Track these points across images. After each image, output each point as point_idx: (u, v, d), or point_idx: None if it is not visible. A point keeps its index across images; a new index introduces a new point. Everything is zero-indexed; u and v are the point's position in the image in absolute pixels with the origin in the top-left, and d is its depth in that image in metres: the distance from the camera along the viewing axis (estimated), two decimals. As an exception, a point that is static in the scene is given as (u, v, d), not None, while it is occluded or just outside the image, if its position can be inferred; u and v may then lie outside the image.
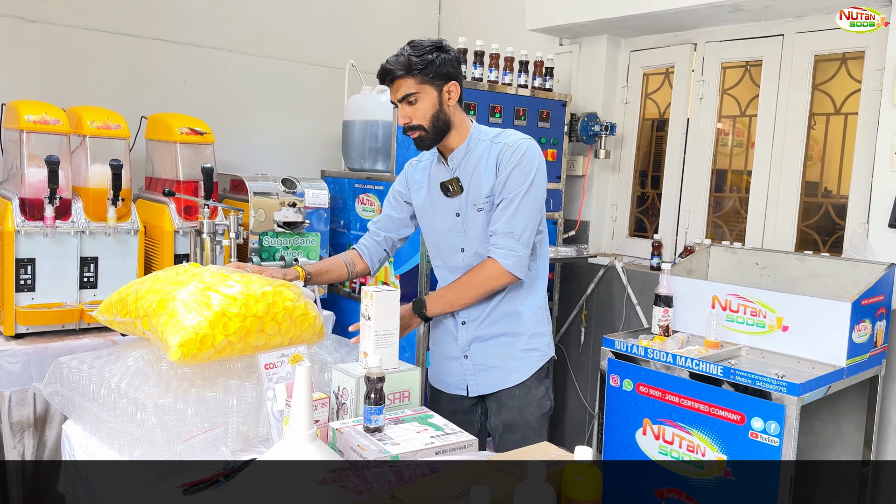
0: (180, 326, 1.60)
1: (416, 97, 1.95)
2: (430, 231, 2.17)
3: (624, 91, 3.66)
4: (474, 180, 2.03)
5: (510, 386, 2.11)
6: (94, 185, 2.64)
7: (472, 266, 2.05)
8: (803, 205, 3.11)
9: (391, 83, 1.98)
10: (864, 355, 2.44)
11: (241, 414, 1.71)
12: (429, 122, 1.97)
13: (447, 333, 2.17)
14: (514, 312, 2.10)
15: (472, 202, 2.04)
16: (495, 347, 2.11)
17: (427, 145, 2.02)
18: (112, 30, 3.32)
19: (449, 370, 2.19)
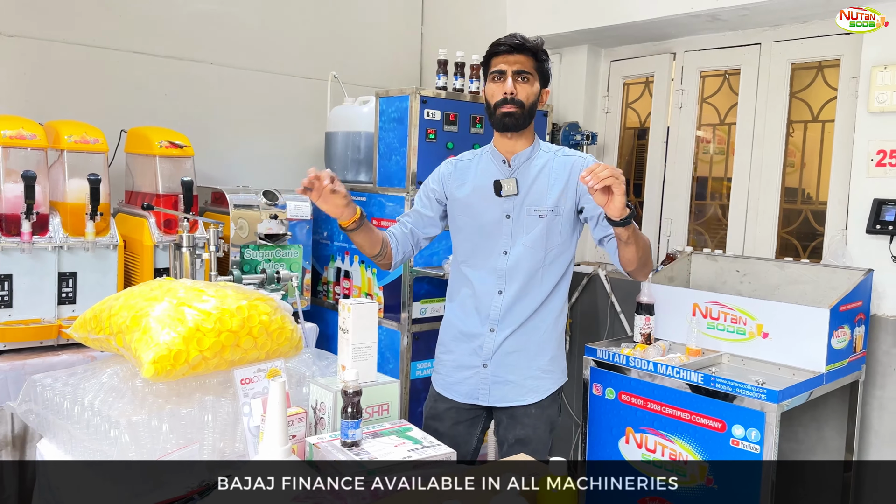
0: (153, 343, 1.59)
1: (528, 77, 1.99)
2: (471, 230, 2.09)
3: (605, 100, 3.68)
4: (536, 186, 2.03)
5: (526, 404, 2.09)
6: (72, 199, 2.62)
7: (514, 273, 2.03)
8: (783, 211, 3.13)
9: (512, 52, 1.97)
10: (844, 361, 2.45)
11: (218, 430, 1.69)
12: (528, 104, 2.00)
13: (465, 341, 2.11)
14: (545, 328, 2.08)
15: (532, 207, 2.03)
16: (517, 361, 2.08)
17: (512, 125, 2.00)
18: (92, 43, 3.31)
19: (462, 378, 2.12)
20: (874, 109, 2.64)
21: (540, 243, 2.04)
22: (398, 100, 3.02)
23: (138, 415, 1.58)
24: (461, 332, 2.12)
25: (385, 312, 3.14)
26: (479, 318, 2.09)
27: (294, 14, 3.91)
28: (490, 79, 2.02)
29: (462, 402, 2.13)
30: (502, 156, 2.07)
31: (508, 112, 1.98)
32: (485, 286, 2.07)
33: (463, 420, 2.14)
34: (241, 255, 2.97)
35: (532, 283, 2.05)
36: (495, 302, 2.06)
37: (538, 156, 2.07)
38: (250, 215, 3.03)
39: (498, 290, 2.06)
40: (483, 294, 2.08)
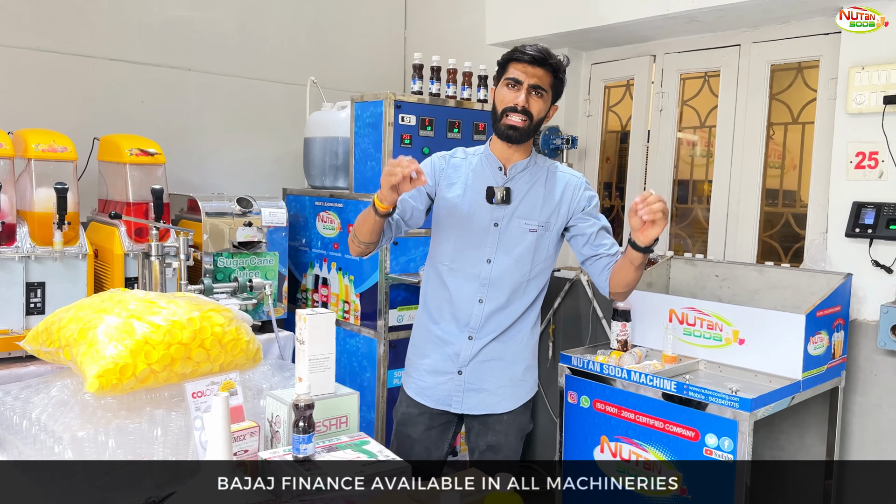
0: (99, 356, 1.55)
1: (543, 95, 1.95)
2: (456, 232, 2.04)
3: (586, 104, 3.64)
4: (529, 199, 2.01)
5: (499, 412, 2.08)
6: (39, 209, 2.59)
7: (496, 284, 2.01)
8: (765, 215, 3.09)
9: (534, 64, 1.92)
10: (822, 367, 2.41)
11: (169, 445, 1.66)
12: (536, 120, 1.96)
13: (442, 346, 2.08)
14: (522, 338, 2.08)
15: (522, 219, 2.01)
16: (493, 370, 2.06)
17: (517, 137, 1.97)
18: (66, 51, 3.28)
19: (436, 384, 2.10)
20: (852, 111, 2.60)
21: (527, 257, 2.02)
22: (372, 105, 2.98)
23: (84, 430, 1.54)
24: (437, 338, 2.09)
25: (362, 320, 3.11)
26: (456, 324, 2.05)
27: (274, 19, 3.88)
28: (504, 83, 1.96)
29: (434, 407, 2.09)
30: (499, 162, 2.03)
31: (514, 125, 1.94)
32: (464, 293, 2.04)
33: (435, 426, 2.11)
34: (215, 264, 2.93)
35: (514, 296, 2.04)
36: (475, 310, 2.03)
37: (534, 168, 2.05)
38: (224, 223, 3.00)
39: (478, 298, 2.03)
40: (462, 301, 2.04)
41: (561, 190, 2.04)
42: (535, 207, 2.02)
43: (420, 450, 2.10)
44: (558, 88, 2.00)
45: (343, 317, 3.20)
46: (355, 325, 3.13)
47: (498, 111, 1.97)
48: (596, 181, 3.66)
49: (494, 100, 2.00)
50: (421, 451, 2.09)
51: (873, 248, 2.58)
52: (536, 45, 1.95)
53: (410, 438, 2.11)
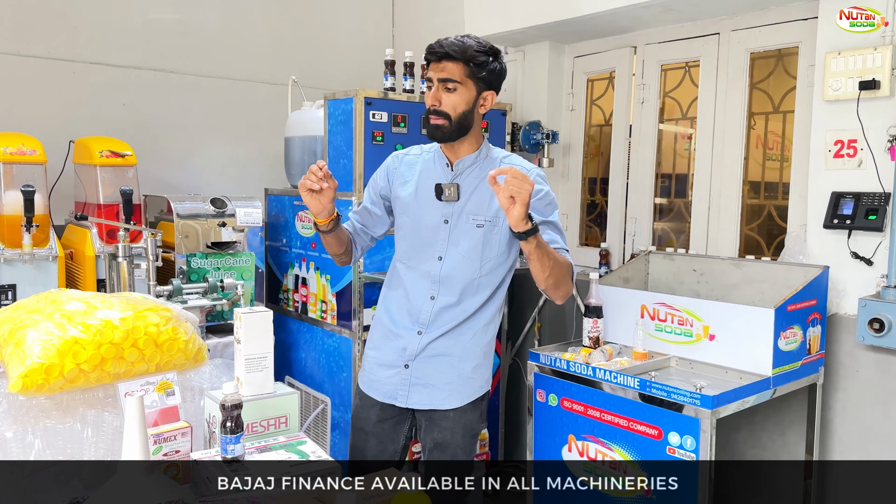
0: (24, 356, 1.55)
1: (457, 87, 1.89)
2: (409, 230, 2.04)
3: (569, 98, 3.58)
4: (477, 194, 1.97)
5: (444, 409, 2.03)
6: (9, 211, 2.61)
7: (447, 280, 1.98)
8: (748, 207, 3.01)
9: (439, 60, 1.89)
10: (796, 363, 2.33)
11: (103, 445, 1.65)
12: (456, 116, 1.90)
13: (393, 339, 2.06)
14: (472, 336, 2.03)
15: (471, 215, 1.97)
16: (439, 366, 2.02)
17: (441, 137, 1.93)
18: (46, 55, 3.31)
19: (383, 377, 2.07)
20: (829, 98, 2.52)
21: (475, 253, 1.98)
22: (344, 102, 2.96)
23: (10, 430, 1.53)
24: (390, 332, 2.07)
25: (338, 320, 3.09)
26: (409, 319, 2.04)
27: (257, 19, 3.88)
28: (426, 84, 1.95)
29: (382, 400, 2.07)
30: (446, 159, 2.00)
31: (435, 124, 1.91)
32: (418, 289, 2.02)
33: (387, 418, 2.08)
34: (188, 264, 2.93)
35: (466, 293, 2.00)
36: (426, 306, 2.02)
37: (484, 162, 1.99)
38: (198, 223, 2.99)
39: (430, 295, 2.01)
40: (415, 297, 2.03)
41: None
42: (484, 202, 1.97)
43: (374, 442, 2.07)
44: (482, 74, 1.90)
45: (321, 317, 3.19)
46: (332, 324, 3.12)
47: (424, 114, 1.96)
48: (580, 177, 3.60)
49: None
50: (375, 444, 2.07)
51: (852, 240, 2.49)
52: (448, 38, 1.91)
53: (364, 431, 2.09)
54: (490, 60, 1.91)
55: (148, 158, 3.22)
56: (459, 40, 1.90)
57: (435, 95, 1.90)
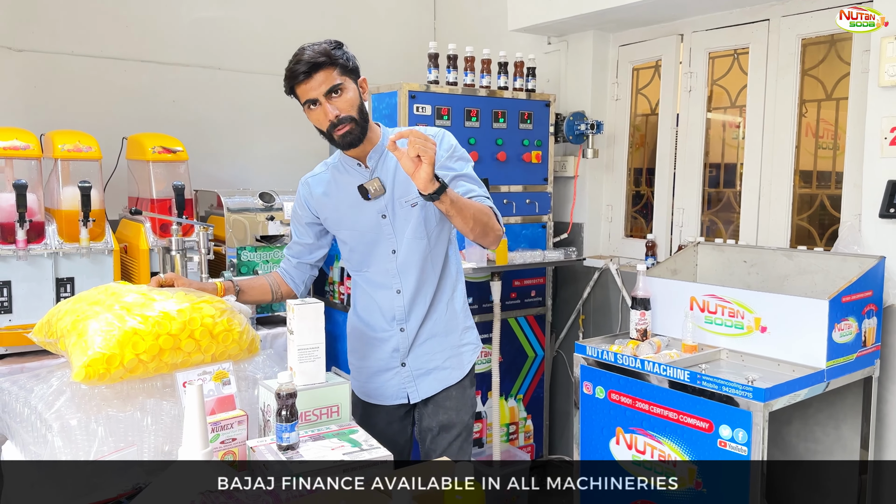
0: (87, 346, 1.60)
1: (342, 88, 1.85)
2: (353, 240, 2.04)
3: (614, 87, 3.55)
4: (398, 177, 1.96)
5: (448, 386, 2.07)
6: (66, 207, 2.69)
7: (405, 269, 2.00)
8: (800, 197, 2.94)
9: (310, 76, 1.84)
10: (851, 356, 2.28)
11: (161, 433, 1.70)
12: (357, 113, 1.88)
13: (378, 344, 2.08)
14: (444, 306, 2.06)
15: (402, 199, 1.97)
16: (432, 348, 2.06)
17: (355, 140, 1.89)
18: (99, 54, 3.40)
19: (384, 382, 2.09)
20: (885, 84, 2.45)
21: (421, 231, 1.98)
22: (388, 96, 2.98)
23: (75, 418, 1.59)
24: (372, 338, 2.08)
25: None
26: (385, 320, 2.06)
27: (301, 15, 3.92)
28: (306, 109, 1.90)
29: (389, 404, 2.09)
30: (355, 160, 1.98)
31: (346, 132, 1.87)
32: (382, 289, 2.04)
33: (395, 420, 2.12)
34: (238, 257, 2.99)
35: (425, 272, 2.02)
36: (396, 302, 2.03)
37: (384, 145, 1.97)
38: (247, 217, 3.05)
39: (395, 289, 2.03)
40: (383, 297, 2.04)
41: None
42: (407, 182, 1.91)
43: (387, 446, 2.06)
44: (350, 66, 1.89)
45: (367, 308, 3.21)
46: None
47: (325, 132, 1.90)
48: (625, 168, 3.57)
49: (314, 124, 1.93)
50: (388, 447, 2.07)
51: (910, 229, 2.42)
52: (300, 53, 1.86)
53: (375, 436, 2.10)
54: (343, 51, 1.90)
55: (197, 154, 3.28)
56: (312, 50, 1.85)
57: (329, 108, 1.84)
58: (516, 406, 3.43)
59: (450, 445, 2.07)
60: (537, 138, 3.30)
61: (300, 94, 1.89)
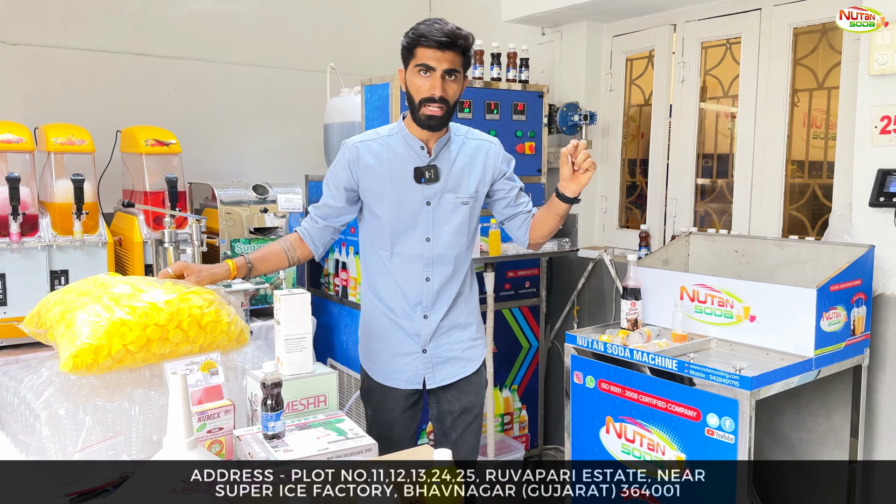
0: (75, 337, 1.61)
1: (457, 77, 1.92)
2: (389, 217, 2.02)
3: (608, 78, 3.54)
4: (454, 173, 2.02)
5: (468, 374, 2.13)
6: (60, 200, 2.71)
7: (441, 260, 2.04)
8: (791, 187, 2.94)
9: (443, 49, 1.86)
10: (839, 344, 2.29)
11: (150, 423, 1.71)
12: (453, 104, 1.94)
13: (399, 328, 2.09)
14: (466, 300, 2.13)
15: (453, 194, 2.02)
16: (452, 338, 2.11)
17: (436, 125, 1.94)
18: (94, 48, 3.41)
19: (402, 366, 2.11)
20: (875, 72, 2.44)
21: (463, 229, 2.05)
22: (380, 87, 2.98)
23: (62, 407, 1.60)
24: (393, 321, 2.09)
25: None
26: (409, 304, 2.07)
27: (296, 7, 3.93)
28: (416, 70, 1.90)
29: (405, 388, 2.11)
30: (420, 142, 1.99)
31: (433, 114, 1.91)
32: (410, 274, 2.05)
33: (410, 405, 2.15)
34: (232, 250, 3.00)
35: (457, 267, 2.08)
36: (425, 289, 2.06)
37: (452, 140, 2.04)
38: (241, 210, 3.06)
39: (424, 276, 2.05)
40: (409, 282, 2.05)
41: (483, 157, 2.05)
42: (463, 180, 2.03)
43: (399, 429, 2.14)
44: (469, 63, 1.96)
45: (361, 300, 3.23)
46: (371, 307, 3.15)
47: (415, 100, 1.92)
48: (619, 158, 3.57)
49: (407, 86, 1.95)
50: (400, 430, 2.13)
51: (900, 218, 2.42)
52: (441, 23, 1.88)
53: (389, 422, 2.13)
54: (471, 49, 1.96)
55: (192, 147, 3.30)
56: (457, 29, 1.88)
57: (441, 86, 1.88)
58: (511, 396, 3.45)
59: (469, 426, 2.15)
60: (531, 129, 3.30)
61: (419, 54, 1.89)
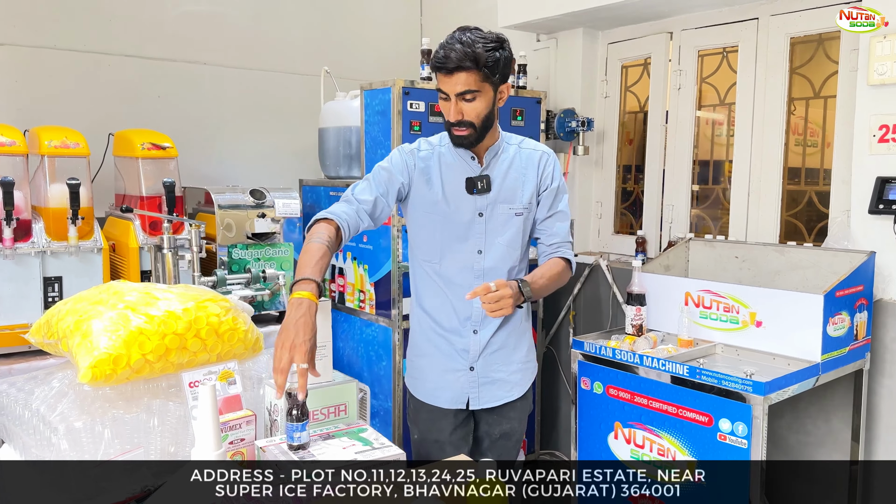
0: (93, 347, 1.56)
1: (476, 95, 1.84)
2: (439, 228, 1.97)
3: (603, 85, 3.57)
4: (507, 183, 1.97)
5: (513, 399, 2.06)
6: (54, 204, 2.63)
7: (493, 274, 1.96)
8: (788, 194, 2.99)
9: (451, 74, 1.81)
10: (843, 349, 2.32)
11: (167, 434, 1.67)
12: (480, 122, 1.87)
13: (446, 343, 2.02)
14: (519, 321, 2.06)
15: (506, 205, 1.97)
16: (501, 359, 2.04)
17: (467, 145, 1.91)
18: (83, 49, 3.33)
19: (447, 383, 2.03)
20: (874, 82, 2.49)
21: (517, 241, 2.00)
22: (381, 92, 2.96)
23: (80, 420, 1.56)
24: (440, 336, 2.03)
25: (377, 309, 3.10)
26: (458, 319, 2.00)
27: (288, 10, 3.88)
28: (440, 95, 1.88)
29: (449, 407, 2.04)
30: (470, 152, 1.96)
31: (461, 134, 1.88)
32: (460, 287, 1.97)
33: (459, 424, 2.06)
34: (230, 255, 2.95)
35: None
36: (475, 303, 1.96)
37: (504, 149, 2.00)
38: (237, 215, 3.01)
39: None
40: (460, 295, 1.97)
41: (536, 167, 2.00)
42: (517, 190, 1.98)
43: (451, 451, 2.02)
44: (497, 74, 1.84)
45: (359, 306, 3.20)
46: (371, 314, 3.13)
47: (445, 121, 1.91)
48: (614, 165, 3.59)
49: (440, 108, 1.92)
50: (452, 452, 2.02)
51: (899, 225, 2.47)
52: (450, 44, 1.80)
53: (439, 443, 2.04)
54: (500, 55, 1.84)
55: (182, 150, 3.22)
56: (467, 45, 1.79)
57: (456, 110, 1.84)
58: (508, 402, 3.44)
59: (506, 451, 2.09)
60: (529, 135, 3.29)
61: (437, 79, 1.87)
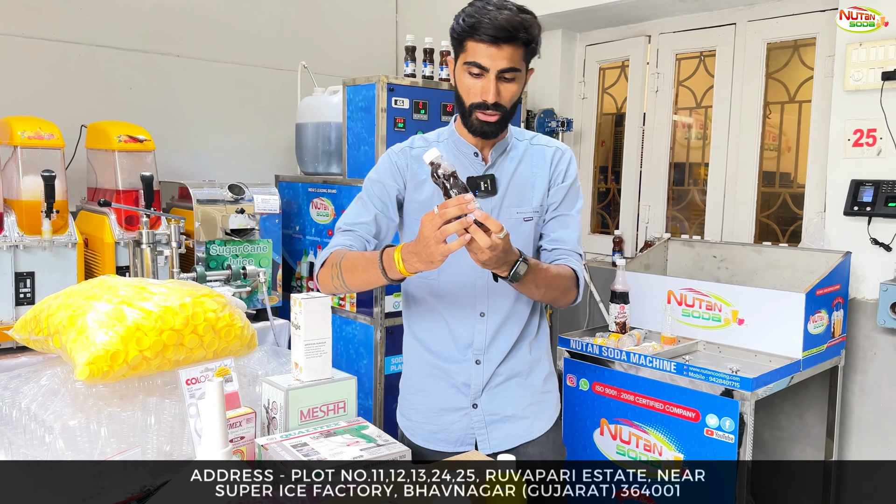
0: (89, 343, 1.51)
1: (516, 76, 1.55)
2: None
3: (581, 86, 3.60)
4: (515, 184, 1.67)
5: (533, 438, 1.73)
6: (27, 197, 2.54)
7: (498, 289, 1.64)
8: (762, 195, 3.07)
9: (498, 45, 1.50)
10: (822, 346, 2.39)
11: (163, 433, 1.62)
12: (511, 108, 1.59)
13: (443, 376, 1.73)
14: (535, 346, 1.74)
15: (514, 209, 1.67)
16: (511, 391, 1.71)
17: (490, 133, 1.61)
18: (52, 37, 3.22)
19: (447, 424, 1.73)
20: (850, 88, 2.57)
21: (527, 251, 1.66)
22: (365, 88, 2.94)
23: (75, 418, 1.50)
24: (436, 367, 1.73)
25: (358, 307, 3.07)
26: (456, 347, 1.70)
27: (264, 4, 3.82)
28: (465, 68, 1.55)
29: (452, 451, 1.72)
30: (473, 147, 1.66)
31: (487, 121, 1.57)
32: (461, 308, 1.69)
33: None
34: (207, 251, 2.89)
35: (520, 299, 1.68)
36: (478, 326, 1.69)
37: (513, 146, 1.69)
38: (215, 210, 2.95)
39: (479, 311, 1.69)
40: (459, 317, 1.69)
41: (548, 166, 1.70)
42: (526, 191, 1.67)
43: None
44: (535, 54, 1.60)
45: (339, 304, 3.17)
46: (351, 311, 3.10)
47: (465, 103, 1.59)
48: (591, 165, 3.63)
49: (457, 85, 1.60)
50: None
51: (872, 226, 2.56)
52: (498, 6, 1.53)
53: None
54: (536, 34, 1.57)
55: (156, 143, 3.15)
56: (518, 16, 1.52)
57: (493, 89, 1.53)
58: (485, 401, 3.44)
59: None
60: (508, 134, 3.31)
61: (470, 49, 1.54)
